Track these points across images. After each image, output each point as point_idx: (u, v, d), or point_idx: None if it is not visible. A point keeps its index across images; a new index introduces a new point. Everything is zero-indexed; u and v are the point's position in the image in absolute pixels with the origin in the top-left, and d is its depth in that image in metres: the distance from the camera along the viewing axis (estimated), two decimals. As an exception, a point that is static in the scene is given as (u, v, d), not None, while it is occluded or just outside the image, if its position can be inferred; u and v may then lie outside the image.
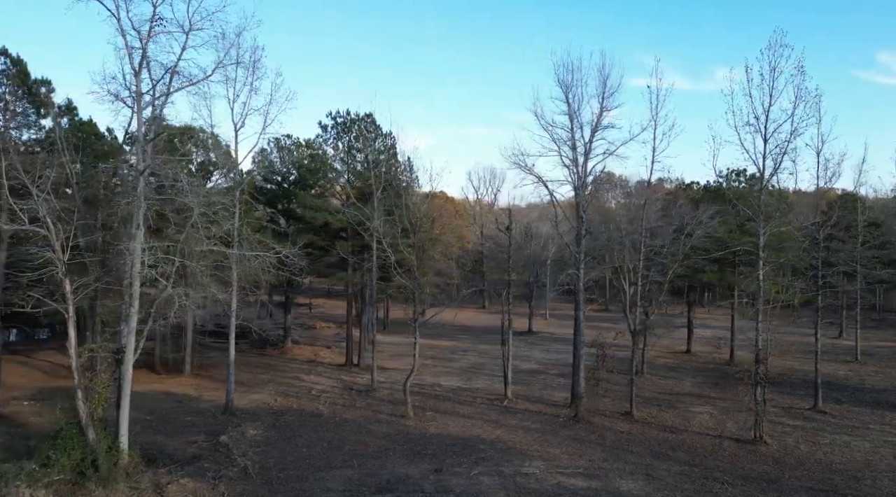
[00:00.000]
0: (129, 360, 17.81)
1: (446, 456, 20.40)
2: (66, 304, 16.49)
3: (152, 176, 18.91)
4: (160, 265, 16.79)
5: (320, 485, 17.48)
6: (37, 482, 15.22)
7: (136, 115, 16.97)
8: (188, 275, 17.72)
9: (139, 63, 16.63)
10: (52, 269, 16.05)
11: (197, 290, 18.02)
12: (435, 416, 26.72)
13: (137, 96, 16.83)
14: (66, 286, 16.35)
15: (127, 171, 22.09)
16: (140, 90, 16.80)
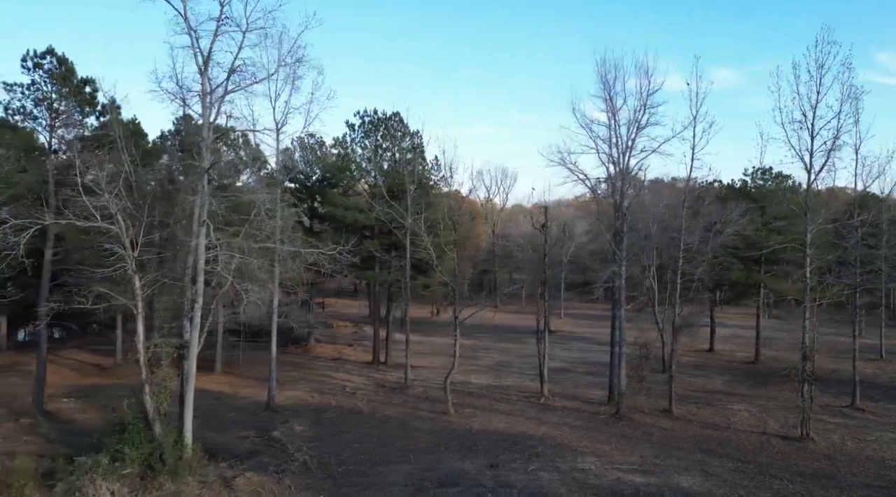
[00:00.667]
0: (192, 356, 18.03)
1: (498, 452, 20.55)
2: (134, 300, 16.71)
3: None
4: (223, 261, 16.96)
5: (381, 479, 17.65)
6: (111, 475, 15.45)
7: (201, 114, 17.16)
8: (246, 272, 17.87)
9: (205, 62, 16.84)
10: (122, 265, 16.27)
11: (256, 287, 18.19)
12: (475, 413, 26.89)
13: (203, 95, 17.04)
14: (135, 282, 16.57)
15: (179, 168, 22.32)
16: (206, 89, 17.01)
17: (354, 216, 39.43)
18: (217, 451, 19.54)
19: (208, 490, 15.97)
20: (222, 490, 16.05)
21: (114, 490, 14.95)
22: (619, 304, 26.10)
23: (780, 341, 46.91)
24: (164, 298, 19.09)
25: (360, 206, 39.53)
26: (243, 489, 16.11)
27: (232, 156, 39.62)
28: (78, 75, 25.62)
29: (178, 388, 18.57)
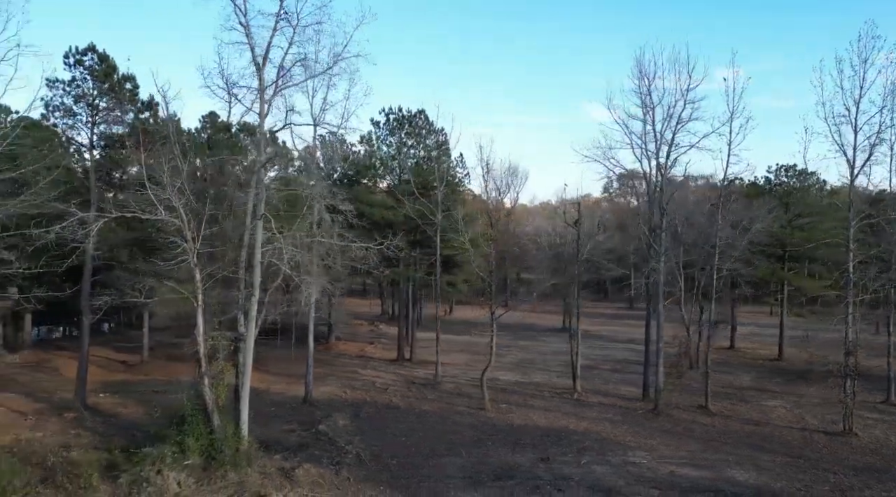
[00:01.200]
0: (249, 349, 18.16)
1: (545, 446, 20.63)
2: (195, 293, 16.85)
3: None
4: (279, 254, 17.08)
5: (437, 472, 17.76)
6: (177, 465, 15.61)
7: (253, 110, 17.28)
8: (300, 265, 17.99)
9: (263, 58, 16.96)
10: (184, 258, 16.41)
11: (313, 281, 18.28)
12: (511, 409, 26.96)
13: (261, 91, 17.14)
14: (196, 275, 16.71)
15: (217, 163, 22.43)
16: (263, 84, 17.12)
17: (381, 213, 39.53)
18: (268, 443, 19.68)
19: (269, 480, 16.09)
20: (283, 481, 16.17)
21: (180, 480, 15.10)
22: (657, 301, 26.09)
23: (799, 339, 46.71)
24: (215, 292, 19.21)
25: (387, 202, 39.63)
26: (303, 480, 16.22)
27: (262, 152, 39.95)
28: (119, 72, 25.79)
29: (233, 381, 18.70)
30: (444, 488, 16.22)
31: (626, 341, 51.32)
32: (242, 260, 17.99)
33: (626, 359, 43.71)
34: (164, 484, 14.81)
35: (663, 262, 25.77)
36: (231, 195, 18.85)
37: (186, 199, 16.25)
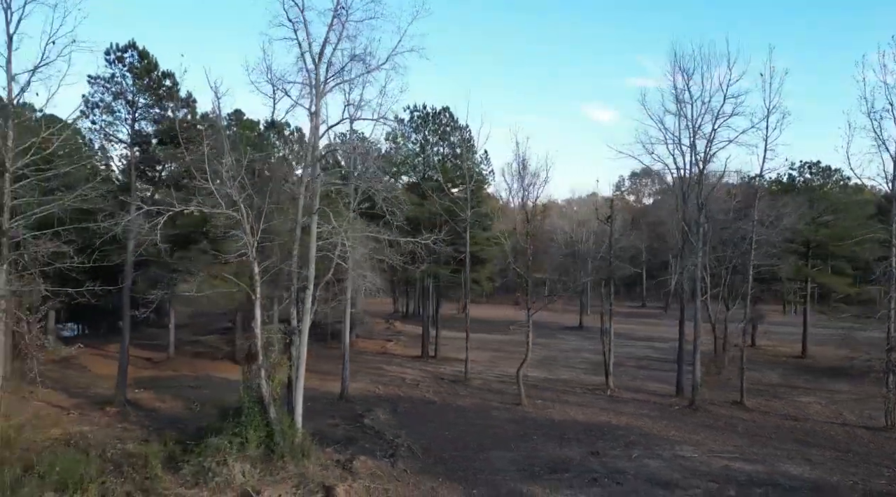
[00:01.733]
0: (303, 342, 18.28)
1: (590, 440, 20.69)
2: (253, 286, 16.97)
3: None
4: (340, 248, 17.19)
5: (489, 464, 17.84)
6: (240, 456, 15.73)
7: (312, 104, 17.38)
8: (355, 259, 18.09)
9: (319, 53, 17.07)
10: (244, 252, 16.54)
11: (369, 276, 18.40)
12: (547, 404, 27.06)
13: (316, 85, 17.21)
14: (254, 268, 16.84)
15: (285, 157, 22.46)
16: (320, 79, 17.22)
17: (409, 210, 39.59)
18: (316, 436, 19.80)
19: (329, 472, 16.20)
20: (342, 472, 16.27)
21: (244, 470, 15.22)
22: (695, 297, 26.12)
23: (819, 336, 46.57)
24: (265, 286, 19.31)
25: (412, 199, 39.72)
26: (362, 472, 16.33)
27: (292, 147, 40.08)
28: (160, 69, 25.93)
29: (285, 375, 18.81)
30: (502, 480, 16.30)
31: (643, 339, 51.40)
32: (295, 254, 18.11)
33: (647, 356, 43.79)
34: (230, 474, 14.92)
35: (700, 257, 25.79)
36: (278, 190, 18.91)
37: (247, 193, 16.37)
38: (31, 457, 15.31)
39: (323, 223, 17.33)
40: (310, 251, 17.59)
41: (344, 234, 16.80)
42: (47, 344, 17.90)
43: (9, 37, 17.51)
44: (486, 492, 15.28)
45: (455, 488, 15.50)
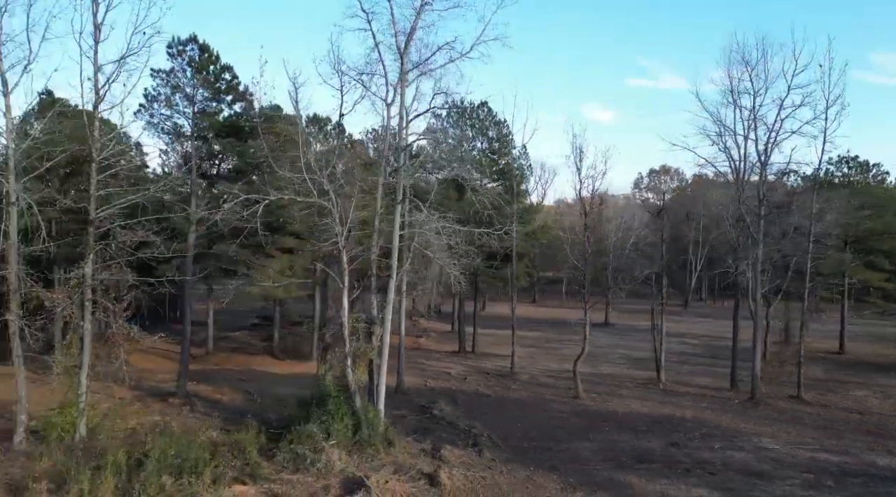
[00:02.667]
0: (386, 331, 18.33)
1: (663, 432, 20.66)
2: (342, 274, 17.02)
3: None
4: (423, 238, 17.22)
5: (573, 454, 17.84)
6: (337, 443, 15.81)
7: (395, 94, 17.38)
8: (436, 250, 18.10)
9: (406, 43, 17.06)
10: (335, 241, 16.59)
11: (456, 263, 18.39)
12: (605, 398, 27.02)
13: (402, 75, 17.24)
14: (343, 258, 16.89)
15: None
16: (405, 69, 17.22)
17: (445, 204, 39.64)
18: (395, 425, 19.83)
19: (419, 460, 16.23)
20: (432, 460, 16.29)
21: (340, 456, 15.27)
22: (755, 293, 25.98)
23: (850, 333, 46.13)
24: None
25: (451, 194, 39.70)
26: (452, 460, 16.34)
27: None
28: (221, 62, 26.03)
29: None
30: (593, 470, 16.29)
31: (673, 335, 50.96)
32: (375, 244, 18.15)
33: (683, 352, 43.59)
34: (329, 460, 14.97)
35: (761, 250, 25.66)
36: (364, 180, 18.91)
37: (337, 184, 16.42)
38: (138, 441, 15.48)
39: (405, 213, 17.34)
40: (393, 240, 17.63)
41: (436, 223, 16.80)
42: (133, 333, 17.98)
43: (95, 26, 17.57)
44: (582, 480, 15.26)
45: (550, 477, 15.49)
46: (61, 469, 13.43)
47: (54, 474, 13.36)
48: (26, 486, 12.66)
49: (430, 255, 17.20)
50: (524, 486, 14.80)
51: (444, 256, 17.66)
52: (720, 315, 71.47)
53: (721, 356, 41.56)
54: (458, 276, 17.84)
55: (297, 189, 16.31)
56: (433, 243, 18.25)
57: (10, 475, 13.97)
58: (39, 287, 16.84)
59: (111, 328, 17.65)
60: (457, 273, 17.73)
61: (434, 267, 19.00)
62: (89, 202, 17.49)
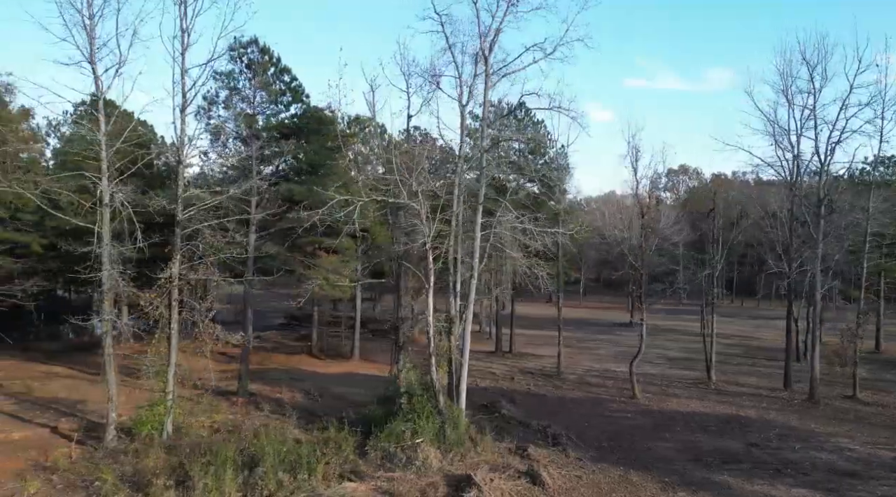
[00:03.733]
0: (467, 329, 18.47)
1: (735, 432, 20.67)
2: (427, 275, 17.17)
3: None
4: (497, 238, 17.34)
5: (656, 454, 17.89)
6: (428, 442, 15.94)
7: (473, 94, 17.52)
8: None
9: (491, 42, 17.20)
10: (423, 241, 16.74)
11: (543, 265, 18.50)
12: (660, 398, 27.02)
13: (487, 76, 17.38)
14: (429, 257, 17.03)
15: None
16: (489, 70, 17.35)
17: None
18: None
19: (509, 459, 16.33)
20: (523, 460, 16.38)
21: (435, 455, 15.40)
22: (815, 291, 25.94)
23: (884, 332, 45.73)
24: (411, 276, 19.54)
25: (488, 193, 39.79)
26: (540, 460, 16.41)
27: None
28: (281, 65, 26.27)
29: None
30: (683, 469, 16.35)
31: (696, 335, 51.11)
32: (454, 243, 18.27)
33: (721, 352, 43.35)
34: (425, 458, 15.11)
35: (820, 251, 25.62)
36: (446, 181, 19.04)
37: (426, 185, 16.57)
38: (225, 439, 15.65)
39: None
40: (474, 240, 17.76)
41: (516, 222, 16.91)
42: (220, 333, 18.20)
43: (182, 31, 17.82)
44: (678, 480, 15.32)
45: (645, 476, 15.55)
46: (174, 465, 13.66)
47: (167, 470, 13.59)
48: (149, 481, 12.86)
49: (514, 256, 17.28)
50: (623, 486, 14.87)
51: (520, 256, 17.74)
52: (744, 314, 71.32)
53: (758, 356, 41.52)
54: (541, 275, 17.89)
55: (381, 190, 16.44)
56: (508, 243, 18.35)
57: (123, 472, 14.20)
58: (132, 287, 17.08)
59: (197, 327, 17.90)
60: (545, 273, 17.80)
61: (508, 266, 19.07)
62: (176, 203, 17.77)
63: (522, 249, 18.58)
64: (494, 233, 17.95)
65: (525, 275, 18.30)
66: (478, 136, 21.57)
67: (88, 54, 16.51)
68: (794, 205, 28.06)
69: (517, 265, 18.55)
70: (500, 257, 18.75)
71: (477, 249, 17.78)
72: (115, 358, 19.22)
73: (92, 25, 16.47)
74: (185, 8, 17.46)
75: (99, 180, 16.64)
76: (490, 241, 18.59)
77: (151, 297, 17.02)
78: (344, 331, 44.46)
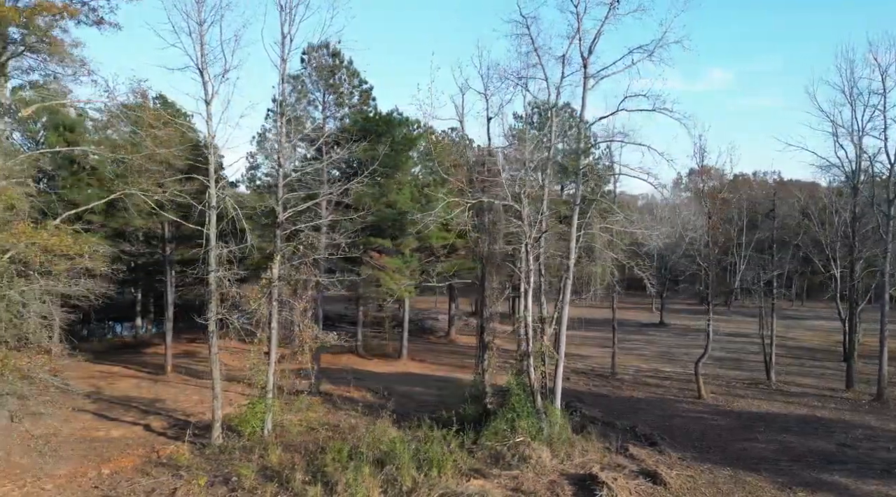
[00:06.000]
0: (562, 329, 18.64)
1: (820, 433, 20.69)
2: (528, 275, 17.37)
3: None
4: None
5: (755, 454, 17.96)
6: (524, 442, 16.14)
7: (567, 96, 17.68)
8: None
9: (591, 45, 17.36)
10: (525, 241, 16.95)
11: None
12: (727, 398, 27.06)
13: (585, 78, 17.54)
14: (530, 258, 17.24)
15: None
16: (587, 73, 17.51)
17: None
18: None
19: (613, 458, 16.48)
20: (627, 459, 16.53)
21: (544, 453, 15.58)
22: (884, 290, 25.94)
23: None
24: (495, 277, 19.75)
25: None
26: (645, 459, 16.57)
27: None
28: (352, 68, 26.53)
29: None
30: (788, 469, 16.43)
31: (737, 335, 50.98)
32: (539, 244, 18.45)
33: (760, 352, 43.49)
34: (539, 456, 15.29)
35: (890, 251, 25.61)
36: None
37: (528, 187, 16.77)
38: (329, 437, 15.88)
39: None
40: (570, 241, 17.94)
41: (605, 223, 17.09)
42: (317, 332, 18.48)
43: (283, 36, 18.10)
44: (790, 480, 15.42)
45: (757, 476, 15.64)
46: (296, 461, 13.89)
47: (302, 466, 13.82)
48: (287, 476, 13.11)
49: (614, 256, 17.46)
50: (740, 486, 14.99)
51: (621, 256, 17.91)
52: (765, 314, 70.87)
53: (801, 356, 41.39)
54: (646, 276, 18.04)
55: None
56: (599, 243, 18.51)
57: (259, 465, 14.45)
58: (236, 288, 17.36)
59: (298, 327, 18.18)
60: (648, 274, 17.96)
61: (598, 266, 19.25)
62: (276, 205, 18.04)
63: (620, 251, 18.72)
64: (587, 234, 18.11)
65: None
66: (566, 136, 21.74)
67: (197, 60, 16.79)
68: (856, 204, 28.09)
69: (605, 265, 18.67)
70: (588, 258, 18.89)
71: (573, 252, 17.95)
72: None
73: (202, 32, 16.74)
74: (292, 13, 17.73)
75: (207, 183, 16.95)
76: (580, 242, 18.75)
77: (254, 296, 17.30)
78: (388, 331, 44.78)
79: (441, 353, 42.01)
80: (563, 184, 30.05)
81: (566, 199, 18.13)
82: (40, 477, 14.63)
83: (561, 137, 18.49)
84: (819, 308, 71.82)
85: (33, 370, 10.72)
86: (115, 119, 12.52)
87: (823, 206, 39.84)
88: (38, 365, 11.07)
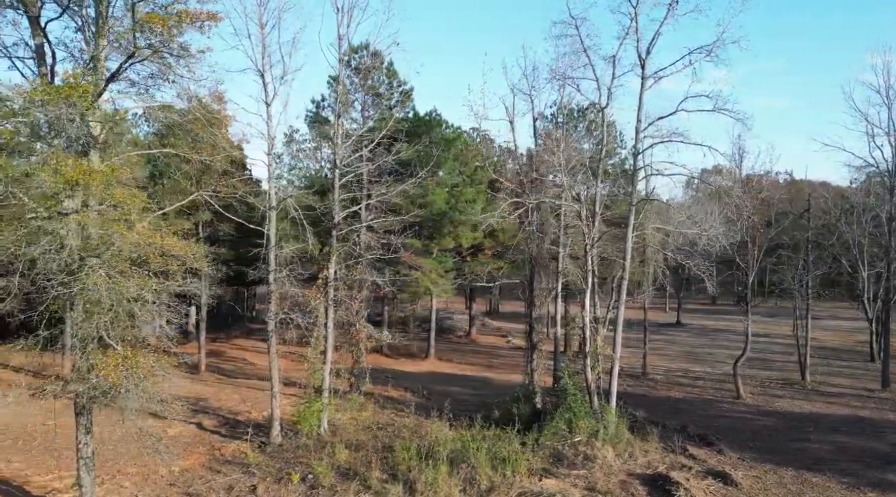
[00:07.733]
0: (618, 330, 18.68)
1: (870, 434, 20.67)
2: (587, 274, 17.42)
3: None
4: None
5: (811, 455, 17.97)
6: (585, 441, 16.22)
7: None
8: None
9: (648, 46, 17.39)
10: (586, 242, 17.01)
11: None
12: (766, 399, 27.05)
13: (643, 79, 17.58)
14: (590, 257, 17.30)
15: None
16: (646, 73, 17.53)
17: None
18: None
19: (675, 458, 16.52)
20: (688, 459, 16.57)
21: (609, 453, 15.65)
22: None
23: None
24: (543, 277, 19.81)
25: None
26: (706, 459, 16.59)
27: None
28: (393, 68, 26.61)
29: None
30: (851, 469, 16.43)
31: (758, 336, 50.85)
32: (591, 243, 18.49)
33: (785, 352, 43.42)
34: (604, 456, 15.35)
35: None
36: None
37: (586, 189, 16.84)
38: (385, 435, 15.95)
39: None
40: (626, 242, 17.98)
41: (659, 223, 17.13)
42: (371, 332, 18.59)
43: (339, 38, 18.21)
44: (856, 481, 15.43)
45: (821, 477, 15.64)
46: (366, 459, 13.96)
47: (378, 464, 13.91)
48: (364, 475, 13.20)
49: (670, 255, 17.50)
50: (808, 487, 15.02)
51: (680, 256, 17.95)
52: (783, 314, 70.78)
53: (828, 356, 41.20)
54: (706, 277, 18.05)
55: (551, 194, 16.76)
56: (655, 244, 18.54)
57: (330, 463, 14.54)
58: (296, 287, 17.47)
59: (354, 326, 18.28)
60: (708, 275, 17.98)
61: (650, 267, 19.29)
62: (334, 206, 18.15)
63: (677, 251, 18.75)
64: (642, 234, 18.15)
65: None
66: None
67: (258, 63, 16.90)
68: (893, 204, 28.05)
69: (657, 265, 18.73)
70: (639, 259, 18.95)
71: (628, 253, 17.98)
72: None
73: (263, 34, 16.86)
74: (350, 16, 17.82)
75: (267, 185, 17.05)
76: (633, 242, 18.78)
77: (313, 296, 17.42)
78: (412, 330, 44.88)
79: (466, 353, 42.12)
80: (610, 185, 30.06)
81: (623, 198, 18.11)
82: (114, 475, 14.77)
83: (605, 137, 18.45)
84: (836, 308, 71.47)
85: (156, 369, 10.87)
86: (196, 122, 12.62)
87: (850, 207, 39.78)
88: (163, 363, 11.24)
